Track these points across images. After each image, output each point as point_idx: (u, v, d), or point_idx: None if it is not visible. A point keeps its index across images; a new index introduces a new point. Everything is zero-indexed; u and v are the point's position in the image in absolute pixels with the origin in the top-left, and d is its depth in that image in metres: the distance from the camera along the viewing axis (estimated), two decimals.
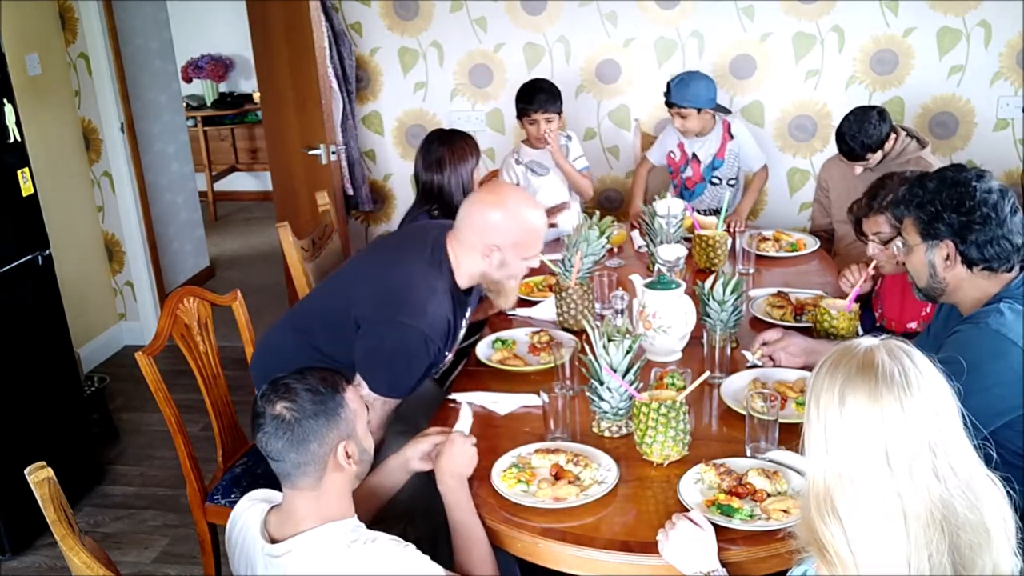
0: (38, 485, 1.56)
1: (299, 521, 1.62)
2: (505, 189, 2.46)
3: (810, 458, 1.33)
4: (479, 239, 2.22)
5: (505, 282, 2.32)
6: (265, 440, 1.60)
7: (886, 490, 1.25)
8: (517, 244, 2.23)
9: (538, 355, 2.48)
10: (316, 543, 1.59)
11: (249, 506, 1.73)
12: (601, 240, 2.67)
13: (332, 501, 1.63)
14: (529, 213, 2.25)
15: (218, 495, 2.51)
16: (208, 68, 7.13)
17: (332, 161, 4.05)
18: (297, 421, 1.57)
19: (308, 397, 1.59)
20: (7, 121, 3.08)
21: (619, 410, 2.06)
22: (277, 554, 1.60)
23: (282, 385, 1.62)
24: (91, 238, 4.59)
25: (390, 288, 2.23)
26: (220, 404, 2.59)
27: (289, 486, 1.63)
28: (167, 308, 2.49)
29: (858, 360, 1.30)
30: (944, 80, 4.03)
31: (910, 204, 1.98)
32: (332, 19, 4.23)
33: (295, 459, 1.59)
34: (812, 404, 1.32)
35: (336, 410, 1.61)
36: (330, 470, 1.61)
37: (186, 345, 2.52)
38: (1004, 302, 1.89)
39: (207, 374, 2.56)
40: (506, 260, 2.24)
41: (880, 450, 1.25)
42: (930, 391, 1.28)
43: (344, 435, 1.62)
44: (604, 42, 4.25)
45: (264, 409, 1.60)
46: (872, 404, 1.26)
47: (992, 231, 1.88)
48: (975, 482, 1.27)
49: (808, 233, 3.50)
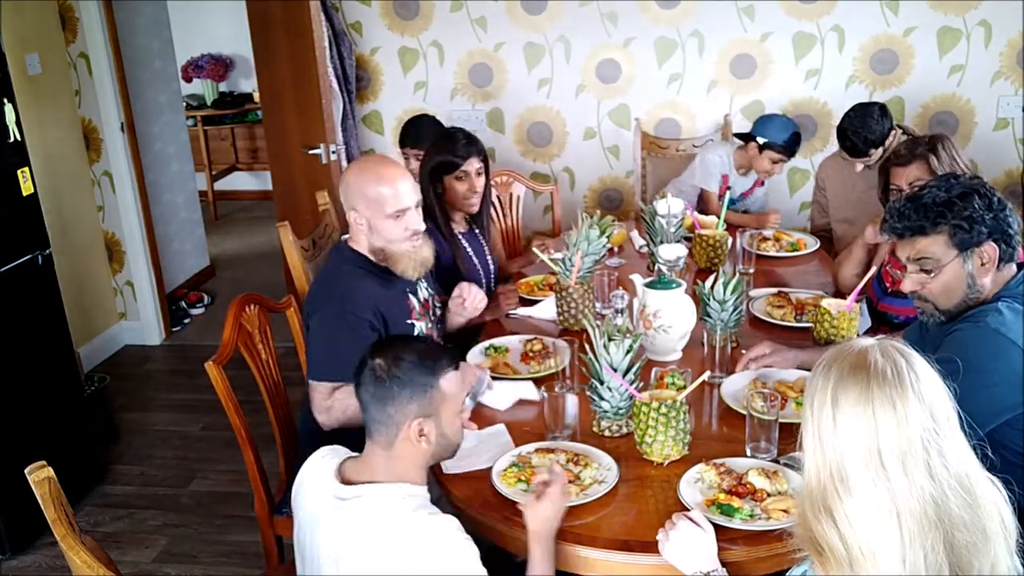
0: (38, 484, 1.55)
1: (374, 472, 1.66)
2: (360, 158, 2.50)
3: (805, 458, 1.33)
4: (346, 208, 2.29)
5: (387, 247, 2.30)
6: (359, 385, 1.67)
7: (880, 489, 1.25)
8: (369, 202, 2.25)
9: (528, 364, 2.46)
10: (384, 497, 1.61)
11: (325, 455, 1.77)
12: (601, 240, 2.67)
13: (404, 466, 1.66)
14: (374, 167, 2.29)
15: (287, 508, 2.38)
16: (208, 68, 7.12)
17: (332, 161, 4.05)
18: (383, 381, 1.63)
19: (405, 365, 1.64)
20: (7, 121, 3.08)
21: (619, 410, 2.06)
22: (345, 496, 1.62)
23: (394, 343, 1.72)
24: (91, 238, 4.59)
25: (308, 294, 2.39)
26: (281, 412, 2.52)
27: (369, 437, 1.68)
28: (232, 316, 2.37)
29: (851, 360, 1.30)
30: (944, 80, 4.03)
31: (940, 219, 1.86)
32: (332, 19, 4.23)
33: (373, 413, 1.64)
34: (807, 405, 1.33)
35: (425, 388, 1.64)
36: (401, 439, 1.64)
37: (250, 354, 2.43)
38: (1003, 301, 1.89)
39: (268, 382, 2.48)
40: (372, 223, 2.27)
41: (872, 449, 1.25)
42: (924, 389, 1.27)
43: (424, 413, 1.64)
44: (604, 42, 4.25)
45: (368, 358, 1.66)
46: (864, 403, 1.26)
47: (1015, 223, 1.89)
48: (972, 482, 1.27)
49: (808, 233, 3.50)
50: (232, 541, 3.18)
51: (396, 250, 2.30)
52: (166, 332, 4.89)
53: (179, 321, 5.03)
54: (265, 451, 2.56)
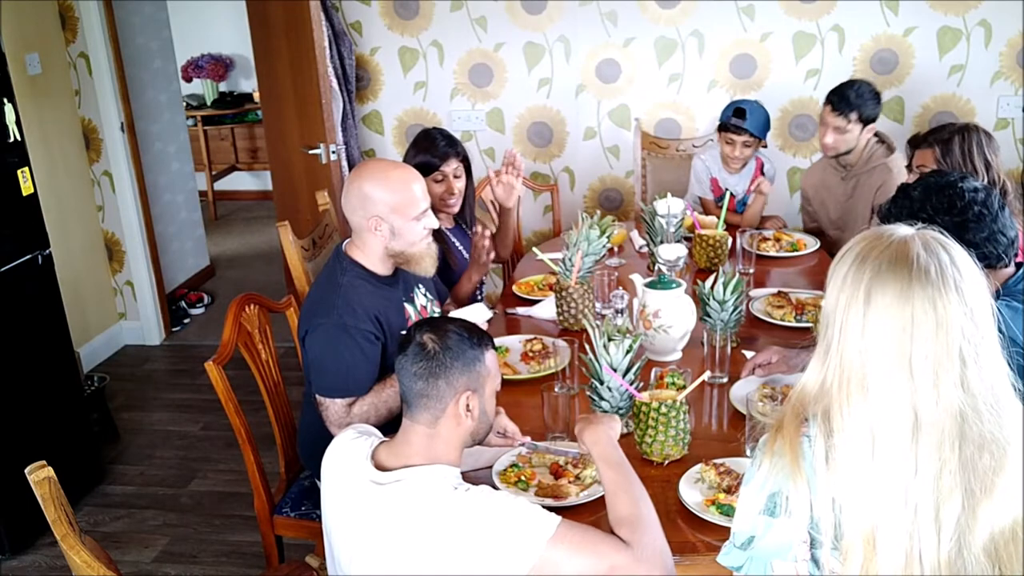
0: (38, 484, 1.55)
1: (411, 454, 1.64)
2: (364, 163, 2.41)
3: (814, 359, 1.22)
4: (361, 218, 2.25)
5: (408, 250, 2.30)
6: (402, 363, 1.66)
7: (900, 401, 1.13)
8: (395, 208, 2.23)
9: (528, 364, 2.46)
10: (424, 480, 1.60)
11: (356, 436, 1.75)
12: (602, 239, 2.67)
13: (444, 446, 1.65)
14: (392, 173, 2.27)
15: (287, 507, 2.44)
16: (208, 68, 7.12)
17: (332, 161, 4.05)
18: (436, 354, 1.63)
19: (455, 338, 1.65)
20: (7, 121, 3.08)
21: (619, 410, 2.06)
22: (383, 481, 1.61)
23: (437, 322, 1.73)
24: (91, 238, 4.59)
25: (304, 309, 2.35)
26: (282, 413, 2.52)
27: (409, 416, 1.67)
28: (232, 316, 2.38)
29: (891, 252, 1.16)
30: (944, 80, 4.03)
31: (900, 215, 1.94)
32: (332, 19, 4.22)
33: (421, 388, 1.63)
34: (831, 298, 1.20)
35: (474, 361, 1.66)
36: (448, 415, 1.64)
37: (250, 354, 2.44)
38: (1002, 300, 1.89)
39: (268, 382, 2.48)
40: (395, 228, 2.25)
41: (904, 354, 1.13)
42: (967, 288, 1.15)
43: (472, 387, 1.65)
44: (604, 42, 4.25)
45: (413, 335, 1.67)
46: (902, 304, 1.13)
47: (988, 227, 1.88)
48: (1001, 397, 1.16)
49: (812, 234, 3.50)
50: (232, 541, 3.18)
51: (415, 251, 2.31)
52: (166, 332, 4.89)
53: (179, 321, 5.03)
54: (265, 451, 2.56)
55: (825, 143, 3.26)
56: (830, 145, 3.25)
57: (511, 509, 1.53)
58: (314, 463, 1.83)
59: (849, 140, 3.23)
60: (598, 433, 1.75)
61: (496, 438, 1.95)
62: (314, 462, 1.83)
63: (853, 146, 3.25)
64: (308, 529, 2.40)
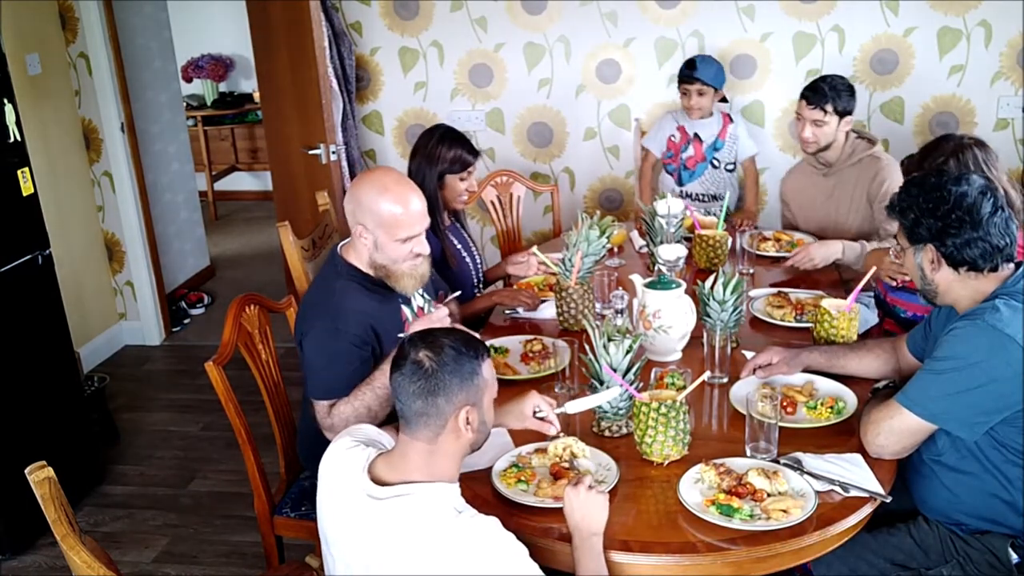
0: (38, 485, 1.55)
1: (410, 470, 1.63)
2: (371, 171, 2.36)
3: None
4: (352, 222, 2.26)
5: (390, 266, 2.27)
6: (399, 381, 1.64)
7: None
8: (381, 223, 2.21)
9: (528, 364, 2.46)
10: (425, 499, 1.59)
11: (352, 445, 1.74)
12: (601, 240, 2.67)
13: (444, 462, 1.65)
14: (393, 188, 2.22)
15: (287, 508, 2.44)
16: (208, 68, 7.12)
17: (332, 161, 4.05)
18: (434, 372, 1.61)
19: (451, 354, 1.63)
20: (7, 121, 3.08)
21: (619, 410, 2.06)
22: (381, 496, 1.60)
23: (431, 336, 1.67)
24: (91, 238, 4.59)
25: (299, 312, 2.35)
26: (282, 413, 2.52)
27: (407, 433, 1.65)
28: (232, 316, 2.37)
29: None
30: (944, 80, 4.03)
31: (894, 209, 2.00)
32: (332, 19, 4.23)
33: (420, 407, 1.61)
34: None
35: (472, 375, 1.64)
36: (448, 431, 1.63)
37: (250, 354, 2.43)
38: (1000, 299, 1.89)
39: (269, 382, 2.48)
40: (379, 242, 2.23)
41: None
42: None
43: (471, 401, 1.64)
44: (604, 42, 4.25)
45: (408, 352, 1.64)
46: None
47: (968, 234, 1.88)
48: None
49: (807, 233, 3.49)
50: (232, 541, 3.18)
51: (397, 269, 2.28)
52: (166, 332, 4.89)
53: (179, 321, 5.03)
54: (265, 451, 2.56)
55: (804, 137, 3.26)
56: (809, 139, 3.25)
57: (513, 554, 1.54)
58: (314, 463, 1.83)
59: (828, 133, 3.22)
60: (589, 520, 1.70)
61: (533, 422, 1.95)
62: (314, 462, 1.83)
63: (832, 140, 3.24)
64: (308, 529, 2.39)
